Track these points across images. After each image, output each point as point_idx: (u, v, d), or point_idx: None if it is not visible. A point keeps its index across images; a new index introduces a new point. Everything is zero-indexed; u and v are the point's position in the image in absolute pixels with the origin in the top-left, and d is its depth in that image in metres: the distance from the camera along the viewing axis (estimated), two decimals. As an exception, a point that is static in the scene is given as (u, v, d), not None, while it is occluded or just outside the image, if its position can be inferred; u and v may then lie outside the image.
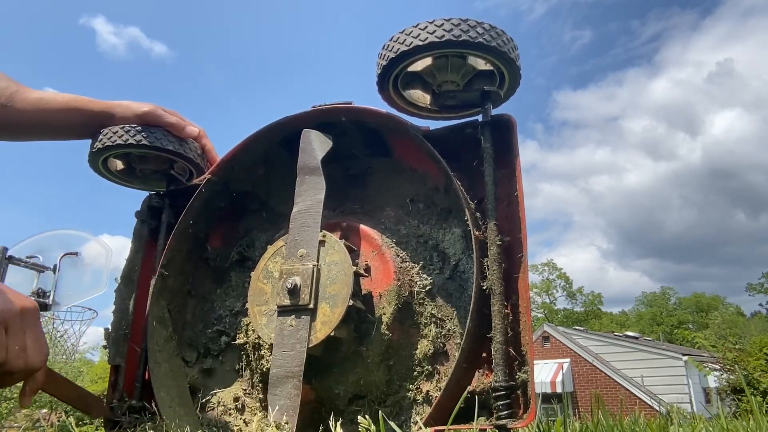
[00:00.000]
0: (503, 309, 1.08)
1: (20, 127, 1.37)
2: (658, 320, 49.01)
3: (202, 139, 1.54)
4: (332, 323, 1.10)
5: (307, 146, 1.28)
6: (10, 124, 1.34)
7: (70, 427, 1.21)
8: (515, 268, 1.14)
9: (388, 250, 1.26)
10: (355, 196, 1.43)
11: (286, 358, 1.09)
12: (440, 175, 1.30)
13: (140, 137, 1.41)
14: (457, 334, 1.19)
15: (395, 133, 1.36)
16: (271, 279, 1.22)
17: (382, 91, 1.28)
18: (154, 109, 1.44)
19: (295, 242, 1.19)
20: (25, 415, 16.11)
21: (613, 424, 1.47)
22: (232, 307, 1.45)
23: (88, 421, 14.55)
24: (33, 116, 1.36)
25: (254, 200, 1.55)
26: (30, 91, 1.36)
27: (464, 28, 1.11)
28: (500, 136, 1.21)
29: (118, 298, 1.48)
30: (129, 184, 1.63)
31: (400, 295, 1.20)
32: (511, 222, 1.17)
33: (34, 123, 1.37)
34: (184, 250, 1.45)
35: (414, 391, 1.19)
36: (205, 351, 1.44)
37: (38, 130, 1.41)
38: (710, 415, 1.88)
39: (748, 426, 1.46)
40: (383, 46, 1.20)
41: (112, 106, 1.44)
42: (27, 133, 1.43)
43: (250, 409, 1.33)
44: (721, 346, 13.50)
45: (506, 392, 1.02)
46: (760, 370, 12.39)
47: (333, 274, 1.15)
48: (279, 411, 1.05)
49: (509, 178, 1.20)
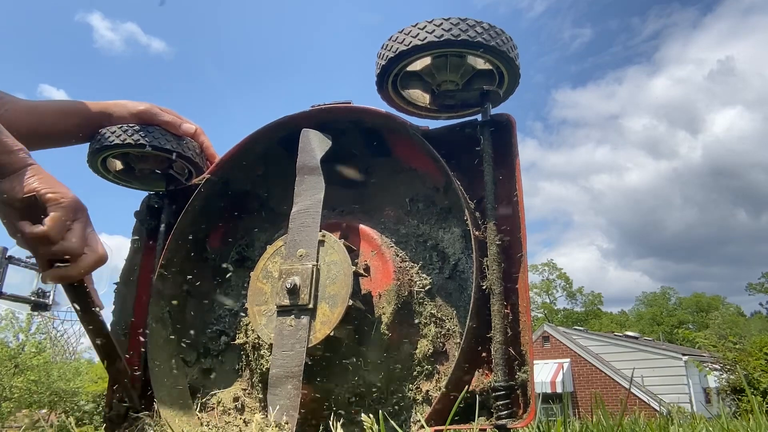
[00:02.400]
0: (503, 309, 1.07)
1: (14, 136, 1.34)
2: (658, 320, 49.00)
3: (200, 136, 1.53)
4: (332, 323, 1.10)
5: (307, 146, 1.28)
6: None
7: (70, 427, 1.21)
8: (515, 268, 1.14)
9: (387, 250, 1.26)
10: (355, 196, 1.43)
11: (285, 358, 1.09)
12: (440, 174, 1.30)
13: (138, 137, 1.40)
14: (456, 333, 1.19)
15: (395, 132, 1.35)
16: (270, 279, 1.22)
17: (381, 91, 1.28)
18: (150, 108, 1.44)
19: (295, 242, 1.18)
20: (25, 415, 16.13)
21: (613, 424, 1.47)
22: (232, 307, 1.44)
23: (87, 421, 14.46)
24: (27, 124, 1.33)
25: (254, 200, 1.55)
26: (21, 101, 1.34)
27: (463, 27, 1.11)
28: (500, 136, 1.21)
29: (117, 298, 1.48)
30: (128, 184, 1.63)
31: (400, 295, 1.20)
32: (511, 222, 1.17)
33: (30, 130, 1.33)
34: (184, 250, 1.45)
35: (414, 391, 1.18)
36: (204, 351, 1.44)
37: (34, 137, 1.36)
38: (710, 415, 1.88)
39: (748, 426, 1.46)
40: (382, 46, 1.20)
41: (109, 105, 1.44)
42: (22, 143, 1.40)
43: (249, 409, 1.33)
44: (721, 346, 13.50)
45: (506, 392, 1.02)
46: (760, 369, 12.39)
47: (332, 274, 1.14)
48: (279, 411, 1.05)
49: (509, 177, 1.20)
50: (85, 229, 0.99)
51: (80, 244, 0.98)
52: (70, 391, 17.02)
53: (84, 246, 0.99)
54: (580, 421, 1.86)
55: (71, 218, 0.97)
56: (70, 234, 0.97)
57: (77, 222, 0.98)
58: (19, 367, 15.70)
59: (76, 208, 0.98)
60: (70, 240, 0.97)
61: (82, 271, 1.00)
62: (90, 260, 1.00)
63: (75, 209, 0.97)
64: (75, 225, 0.97)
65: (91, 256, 1.00)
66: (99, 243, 1.02)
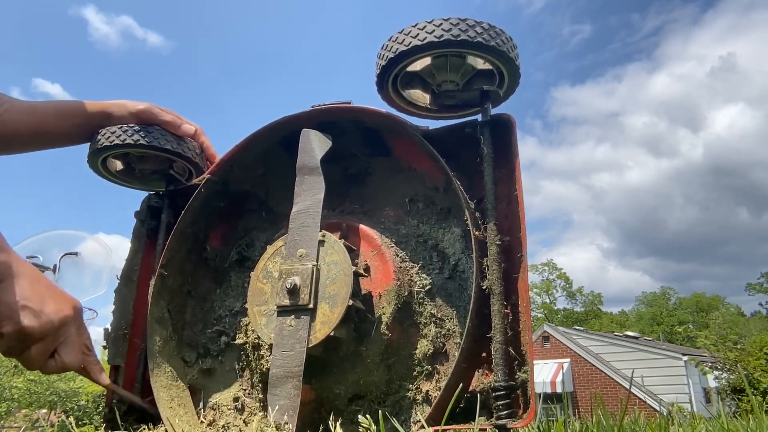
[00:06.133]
0: (503, 309, 1.08)
1: (14, 137, 1.32)
2: (658, 320, 49.01)
3: (200, 137, 1.53)
4: (332, 323, 1.10)
5: (307, 146, 1.28)
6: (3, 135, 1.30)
7: (69, 427, 1.21)
8: (515, 268, 1.14)
9: (387, 250, 1.26)
10: (355, 196, 1.43)
11: (285, 358, 1.09)
12: (440, 174, 1.30)
13: (138, 137, 1.40)
14: (456, 333, 1.19)
15: (395, 132, 1.36)
16: (270, 279, 1.22)
17: (381, 91, 1.28)
18: (150, 107, 1.44)
19: (295, 242, 1.19)
20: (25, 415, 16.12)
21: (613, 424, 1.47)
22: (232, 307, 1.45)
23: (87, 421, 14.46)
24: (27, 125, 1.32)
25: (254, 200, 1.55)
26: (20, 101, 1.33)
27: (463, 27, 1.11)
28: (500, 136, 1.21)
29: (117, 298, 1.48)
30: (129, 185, 1.63)
31: (400, 295, 1.20)
32: (511, 221, 1.17)
33: (30, 131, 1.33)
34: (184, 250, 1.45)
35: (414, 391, 1.18)
36: (204, 351, 1.44)
37: (34, 139, 1.37)
38: (710, 415, 1.88)
39: (748, 426, 1.46)
40: (382, 46, 1.20)
41: (108, 105, 1.44)
42: (22, 144, 1.37)
43: (250, 409, 1.33)
44: (721, 346, 13.50)
45: (506, 392, 1.02)
46: (760, 369, 12.39)
47: (332, 274, 1.15)
48: (279, 411, 1.05)
49: (509, 177, 1.20)
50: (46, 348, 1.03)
51: (39, 362, 1.04)
52: (70, 391, 17.03)
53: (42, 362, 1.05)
54: (580, 421, 1.86)
55: (51, 348, 1.04)
56: (49, 362, 1.05)
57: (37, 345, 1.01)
58: (18, 367, 15.69)
59: (54, 333, 1.02)
60: (48, 368, 1.06)
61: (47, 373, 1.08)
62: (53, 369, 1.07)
63: (54, 335, 1.02)
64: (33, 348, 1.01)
65: (55, 366, 1.07)
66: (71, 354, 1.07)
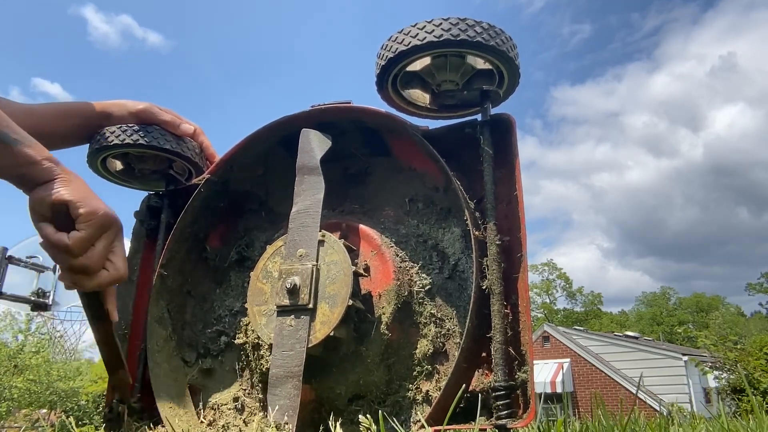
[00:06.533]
0: (503, 309, 1.08)
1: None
2: (658, 320, 49.01)
3: (199, 136, 1.53)
4: (332, 323, 1.10)
5: (306, 146, 1.28)
6: None
7: (69, 427, 1.21)
8: (515, 268, 1.14)
9: (387, 250, 1.26)
10: (355, 196, 1.43)
11: (285, 358, 1.09)
12: (439, 174, 1.30)
13: (137, 137, 1.40)
14: (456, 333, 1.19)
15: (394, 132, 1.36)
16: (270, 279, 1.22)
17: (381, 91, 1.28)
18: (149, 107, 1.44)
19: (295, 242, 1.18)
20: (25, 415, 16.12)
21: (613, 424, 1.47)
22: (232, 307, 1.45)
23: (87, 421, 14.46)
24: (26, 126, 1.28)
25: (253, 200, 1.55)
26: (17, 104, 1.33)
27: (462, 27, 1.11)
28: (499, 136, 1.21)
29: (118, 298, 1.48)
30: (128, 185, 1.63)
31: (400, 295, 1.20)
32: (511, 221, 1.17)
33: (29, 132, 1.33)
34: (183, 250, 1.45)
35: (414, 391, 1.18)
36: (204, 351, 1.44)
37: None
38: (710, 415, 1.88)
39: (748, 426, 1.46)
40: (382, 46, 1.20)
41: (108, 105, 1.43)
42: None
43: (249, 409, 1.33)
44: (721, 346, 13.50)
45: (506, 392, 1.02)
46: (760, 369, 12.38)
47: (332, 273, 1.14)
48: (279, 411, 1.05)
49: (508, 177, 1.20)
50: (109, 247, 0.99)
51: (99, 262, 0.97)
52: (70, 391, 17.03)
53: (103, 263, 0.98)
54: (580, 421, 1.86)
55: (98, 236, 0.97)
56: (92, 251, 0.96)
57: (103, 239, 0.97)
58: (18, 367, 15.70)
59: (104, 224, 0.97)
60: (90, 257, 0.96)
61: (97, 285, 1.00)
62: (107, 277, 1.00)
63: (103, 226, 0.97)
64: (99, 243, 0.97)
65: (110, 274, 1.00)
66: (122, 260, 1.02)
